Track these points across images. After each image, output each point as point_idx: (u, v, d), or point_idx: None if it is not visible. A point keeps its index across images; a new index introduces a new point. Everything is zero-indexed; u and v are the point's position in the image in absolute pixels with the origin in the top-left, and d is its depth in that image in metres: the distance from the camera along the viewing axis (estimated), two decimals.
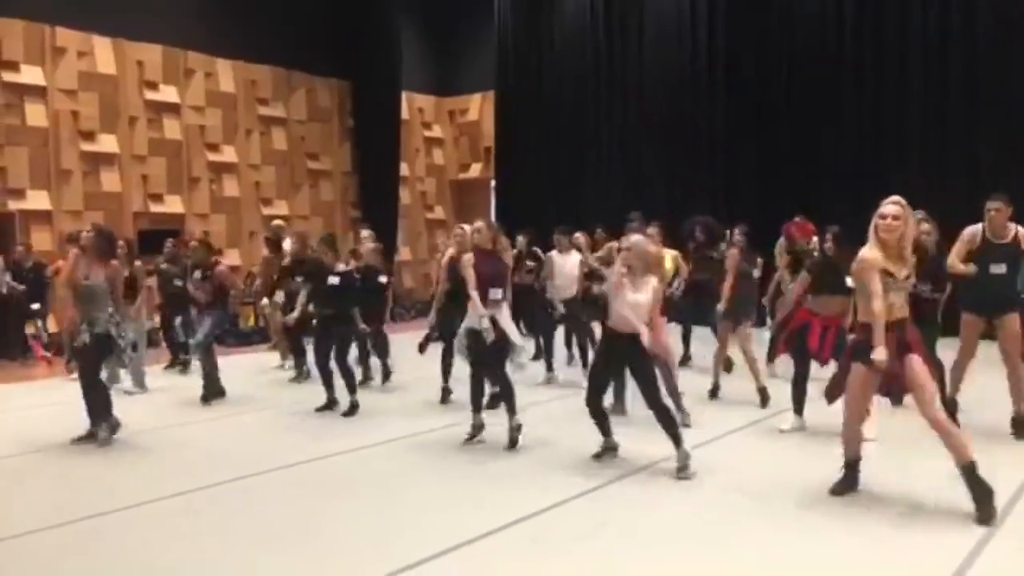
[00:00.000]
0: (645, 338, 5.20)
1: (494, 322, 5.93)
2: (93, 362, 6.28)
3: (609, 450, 5.66)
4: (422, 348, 8.01)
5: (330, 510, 4.80)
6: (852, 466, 4.86)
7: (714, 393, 7.59)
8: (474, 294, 5.98)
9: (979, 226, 6.12)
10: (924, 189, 10.18)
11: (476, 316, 5.95)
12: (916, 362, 4.52)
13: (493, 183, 16.73)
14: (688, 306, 8.64)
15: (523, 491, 5.03)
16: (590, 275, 8.26)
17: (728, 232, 9.04)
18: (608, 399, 6.13)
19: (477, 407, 6.20)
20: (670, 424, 5.34)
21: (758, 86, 13.20)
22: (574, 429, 6.54)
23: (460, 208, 17.49)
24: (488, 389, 6.53)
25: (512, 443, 5.99)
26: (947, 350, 6.43)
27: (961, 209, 6.35)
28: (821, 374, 6.07)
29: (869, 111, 12.25)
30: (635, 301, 5.28)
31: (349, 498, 5.03)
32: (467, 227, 7.84)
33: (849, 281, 5.92)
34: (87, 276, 6.24)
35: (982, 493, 4.33)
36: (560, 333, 9.16)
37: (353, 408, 7.25)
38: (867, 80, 12.27)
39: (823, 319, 6.09)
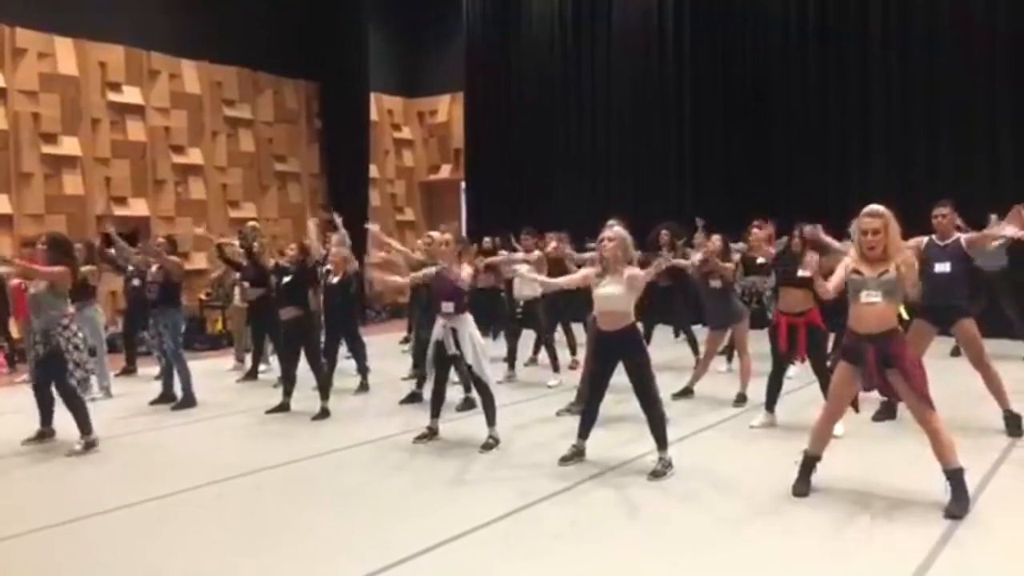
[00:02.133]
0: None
1: (454, 333, 5.95)
2: (55, 373, 6.14)
3: (578, 454, 5.63)
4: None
5: (304, 513, 4.77)
6: (810, 464, 4.85)
7: (686, 392, 7.65)
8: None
9: (927, 237, 6.23)
10: (888, 188, 10.33)
11: (437, 328, 6.05)
12: (898, 379, 4.48)
13: (463, 184, 16.71)
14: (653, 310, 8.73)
15: (496, 492, 5.03)
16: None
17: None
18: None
19: (434, 412, 6.26)
20: (660, 426, 5.34)
21: (724, 87, 13.31)
22: (545, 430, 6.57)
23: (430, 210, 17.45)
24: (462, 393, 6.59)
25: (486, 447, 6.00)
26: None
27: (925, 212, 6.45)
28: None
29: (835, 111, 12.37)
30: (611, 293, 5.26)
31: (323, 501, 5.00)
32: (435, 235, 7.87)
33: (803, 272, 6.08)
34: (36, 286, 6.16)
35: (962, 496, 4.42)
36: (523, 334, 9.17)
37: (324, 413, 7.24)
38: (832, 80, 12.41)
39: (788, 317, 6.18)
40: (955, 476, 4.44)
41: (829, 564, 3.90)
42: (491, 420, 6.09)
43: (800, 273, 6.09)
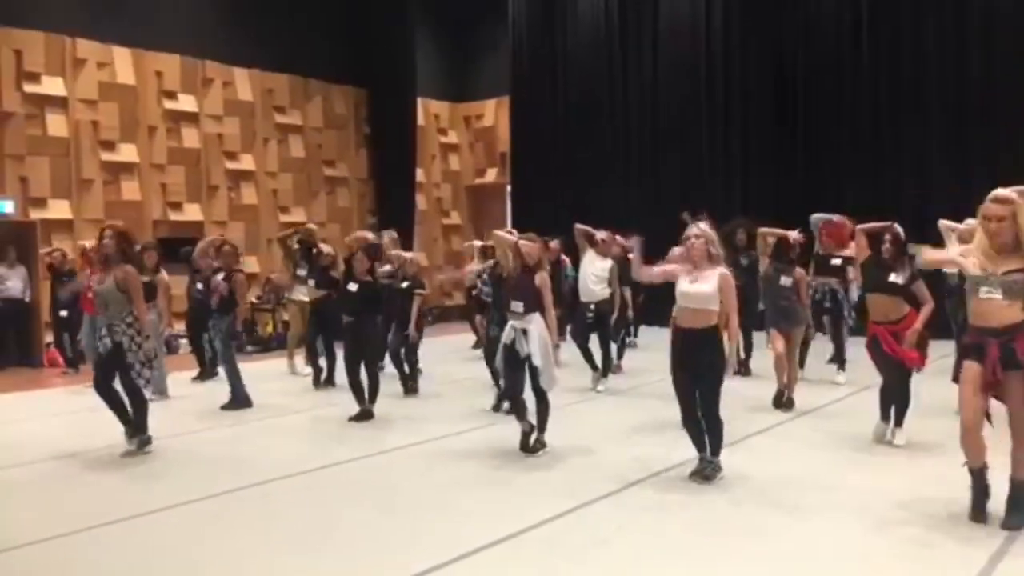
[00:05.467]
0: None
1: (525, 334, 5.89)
2: (105, 370, 6.24)
3: (711, 468, 5.28)
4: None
5: (347, 515, 4.83)
6: (976, 476, 4.37)
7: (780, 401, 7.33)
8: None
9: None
10: (944, 183, 10.08)
11: (508, 330, 6.01)
12: (1016, 381, 4.14)
13: (509, 188, 16.75)
14: None
15: (539, 497, 5.03)
16: None
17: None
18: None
19: (521, 415, 6.09)
20: (717, 433, 5.25)
21: (775, 87, 13.15)
22: (591, 434, 6.55)
23: (476, 214, 17.52)
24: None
25: (533, 451, 5.99)
26: None
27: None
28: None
29: (889, 109, 12.14)
30: (699, 291, 5.16)
31: (366, 503, 5.05)
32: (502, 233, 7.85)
33: (894, 277, 5.88)
34: (101, 281, 6.22)
35: (1022, 505, 4.24)
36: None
37: (365, 415, 7.27)
38: (886, 77, 12.18)
39: (886, 327, 5.84)
40: (1021, 487, 4.27)
41: (882, 573, 3.81)
42: (543, 426, 6.07)
43: (892, 279, 5.84)
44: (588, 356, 8.53)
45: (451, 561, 4.05)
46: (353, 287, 7.40)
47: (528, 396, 6.04)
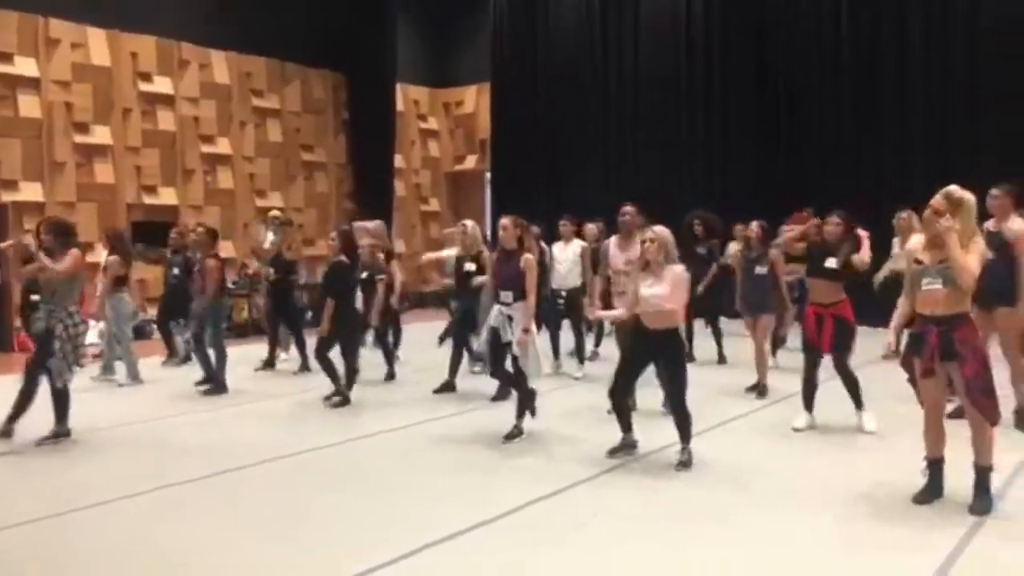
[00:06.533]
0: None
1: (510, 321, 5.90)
2: (37, 354, 6.09)
3: (627, 446, 5.56)
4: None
5: (323, 500, 4.81)
6: (932, 466, 4.50)
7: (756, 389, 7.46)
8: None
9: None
10: (925, 181, 10.14)
11: (495, 314, 6.00)
12: (955, 372, 4.25)
13: (488, 175, 16.71)
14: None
15: (516, 482, 5.05)
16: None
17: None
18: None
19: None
20: (685, 425, 5.32)
21: (754, 75, 13.19)
22: (569, 421, 6.58)
23: (455, 201, 17.48)
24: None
25: (510, 437, 6.01)
26: None
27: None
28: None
29: (866, 105, 12.23)
30: (655, 293, 5.23)
31: (342, 489, 5.04)
32: (469, 223, 7.87)
33: (830, 263, 6.00)
34: (44, 268, 6.00)
35: (985, 494, 4.35)
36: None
37: (342, 400, 7.25)
38: (866, 70, 12.25)
39: (817, 308, 6.10)
40: (984, 474, 4.37)
41: (854, 557, 3.87)
42: (521, 412, 6.08)
43: (828, 264, 6.02)
44: (556, 343, 8.57)
45: (426, 546, 4.06)
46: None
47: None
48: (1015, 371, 6.00)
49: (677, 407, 5.32)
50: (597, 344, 9.48)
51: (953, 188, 4.34)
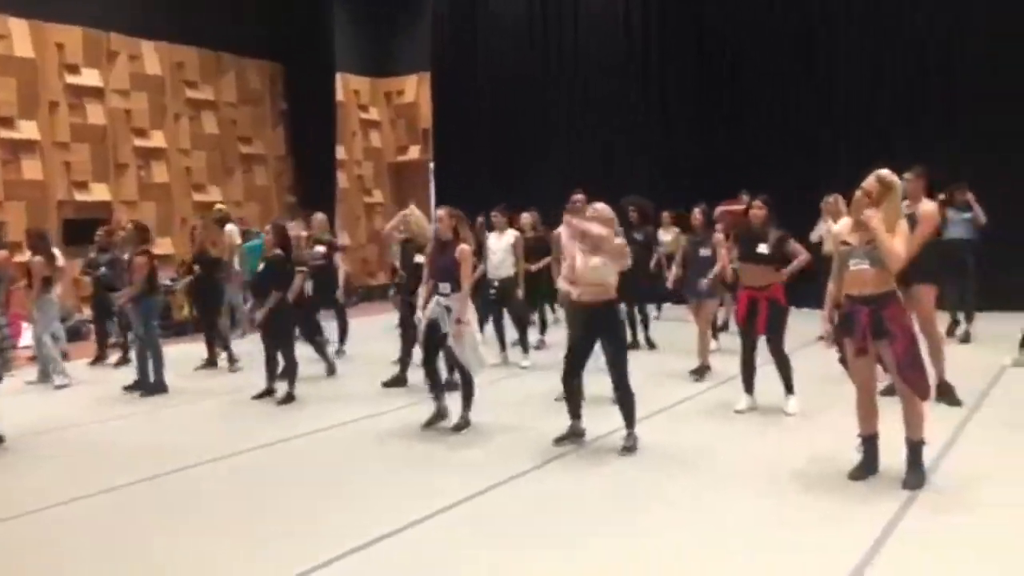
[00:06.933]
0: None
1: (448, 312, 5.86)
2: None
3: (573, 435, 5.60)
4: None
5: (273, 497, 4.76)
6: (866, 442, 4.63)
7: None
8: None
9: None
10: (857, 164, 10.37)
11: (432, 306, 5.93)
12: (885, 350, 4.37)
13: (432, 165, 16.60)
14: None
15: (465, 474, 5.05)
16: None
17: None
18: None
19: (438, 394, 6.15)
20: (629, 405, 5.38)
21: (696, 64, 13.31)
22: (516, 411, 6.61)
23: (399, 191, 17.32)
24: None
25: (457, 428, 6.01)
26: None
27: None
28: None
29: (806, 95, 12.43)
30: (592, 264, 5.25)
31: (290, 486, 4.99)
32: (413, 208, 7.77)
33: (762, 248, 6.12)
34: None
35: (918, 468, 4.48)
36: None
37: (284, 397, 7.18)
38: (804, 60, 12.47)
39: (749, 291, 6.21)
40: (916, 448, 4.51)
41: (794, 532, 3.97)
42: (466, 403, 6.07)
43: (760, 249, 6.14)
44: (500, 334, 8.61)
45: (376, 540, 4.04)
46: (260, 266, 7.32)
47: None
48: (932, 346, 6.22)
49: (620, 385, 5.36)
50: (542, 332, 9.51)
51: (885, 172, 4.46)
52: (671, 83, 13.63)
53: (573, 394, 5.59)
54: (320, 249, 9.00)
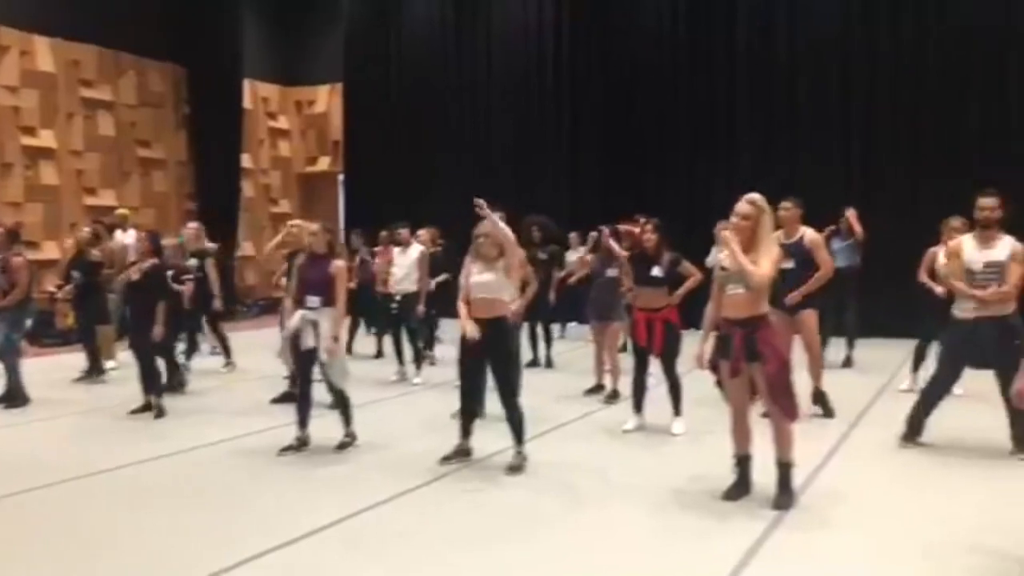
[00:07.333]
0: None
1: (314, 327, 5.70)
2: None
3: (461, 453, 5.51)
4: None
5: (135, 518, 4.52)
6: (739, 462, 4.72)
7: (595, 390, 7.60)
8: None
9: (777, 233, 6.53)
10: (757, 187, 10.68)
11: (298, 318, 5.73)
12: (758, 372, 4.46)
13: (341, 177, 16.36)
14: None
15: (342, 494, 4.91)
16: None
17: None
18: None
19: (301, 420, 5.88)
20: (519, 422, 5.34)
21: (603, 86, 13.51)
22: (404, 427, 6.50)
23: (308, 202, 16.99)
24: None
25: (341, 446, 5.85)
26: None
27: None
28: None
29: (705, 115, 12.79)
30: (486, 280, 5.23)
31: (157, 505, 4.76)
32: (300, 222, 7.60)
33: (656, 271, 6.23)
34: None
35: (788, 489, 4.58)
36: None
37: (155, 409, 6.91)
38: (701, 87, 12.85)
39: (646, 313, 6.30)
40: (786, 469, 4.61)
41: (659, 553, 3.99)
42: (347, 420, 5.91)
43: (653, 273, 6.24)
44: (398, 348, 8.49)
45: (236, 565, 3.86)
46: (135, 276, 7.06)
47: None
48: (813, 358, 6.63)
49: (509, 403, 5.33)
50: (427, 347, 9.30)
51: (756, 196, 4.59)
52: (581, 98, 13.78)
53: (467, 412, 5.52)
54: (194, 261, 8.70)
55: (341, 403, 5.89)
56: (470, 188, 13.64)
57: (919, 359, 7.49)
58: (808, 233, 6.59)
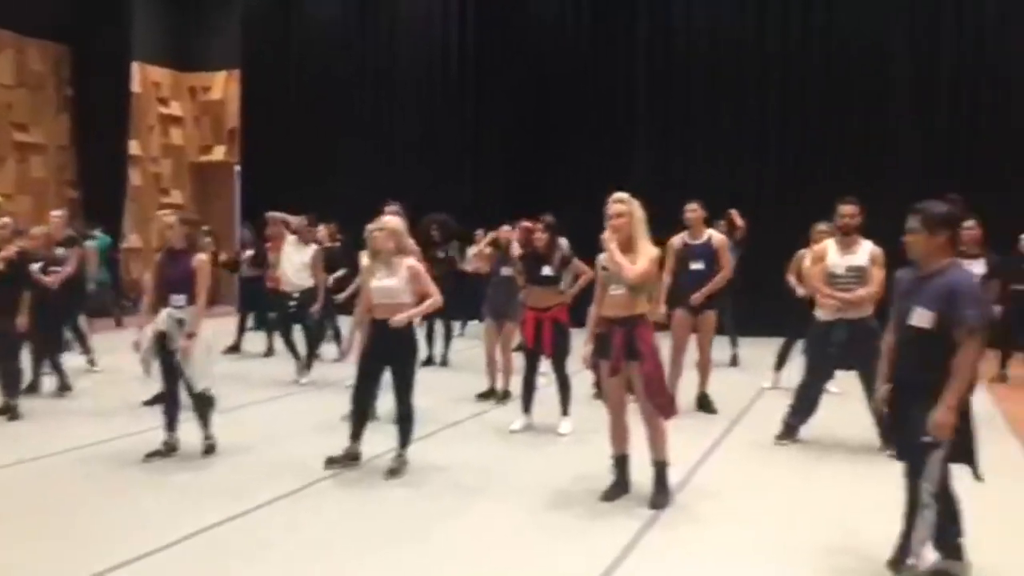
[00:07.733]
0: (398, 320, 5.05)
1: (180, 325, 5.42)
2: None
3: (348, 457, 5.35)
4: None
5: None
6: (616, 462, 4.76)
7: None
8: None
9: (683, 234, 6.70)
10: (653, 183, 10.86)
11: (163, 317, 5.43)
12: (635, 371, 4.51)
13: (238, 168, 15.80)
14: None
15: (211, 500, 4.70)
16: None
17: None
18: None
19: (170, 423, 5.60)
20: (408, 426, 5.25)
21: (508, 76, 13.42)
22: (285, 429, 6.31)
23: (202, 193, 16.36)
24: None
25: (207, 452, 5.60)
26: None
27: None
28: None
29: (609, 108, 12.86)
30: (388, 286, 5.13)
31: (14, 514, 4.46)
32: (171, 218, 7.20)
33: (547, 271, 6.23)
34: None
35: (665, 487, 4.64)
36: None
37: (12, 412, 6.51)
38: (605, 79, 12.90)
39: (535, 312, 6.28)
40: (661, 468, 4.67)
41: (534, 552, 3.97)
42: (204, 423, 5.63)
43: (544, 272, 6.23)
44: (291, 347, 8.25)
45: (112, 568, 3.68)
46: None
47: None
48: (704, 361, 6.81)
49: (404, 405, 5.23)
50: (311, 348, 9.01)
51: (623, 194, 4.62)
52: (485, 90, 13.67)
53: (358, 413, 5.37)
54: (61, 251, 8.17)
55: (200, 405, 5.60)
56: (372, 180, 13.70)
57: (783, 358, 7.83)
58: (715, 235, 6.75)
